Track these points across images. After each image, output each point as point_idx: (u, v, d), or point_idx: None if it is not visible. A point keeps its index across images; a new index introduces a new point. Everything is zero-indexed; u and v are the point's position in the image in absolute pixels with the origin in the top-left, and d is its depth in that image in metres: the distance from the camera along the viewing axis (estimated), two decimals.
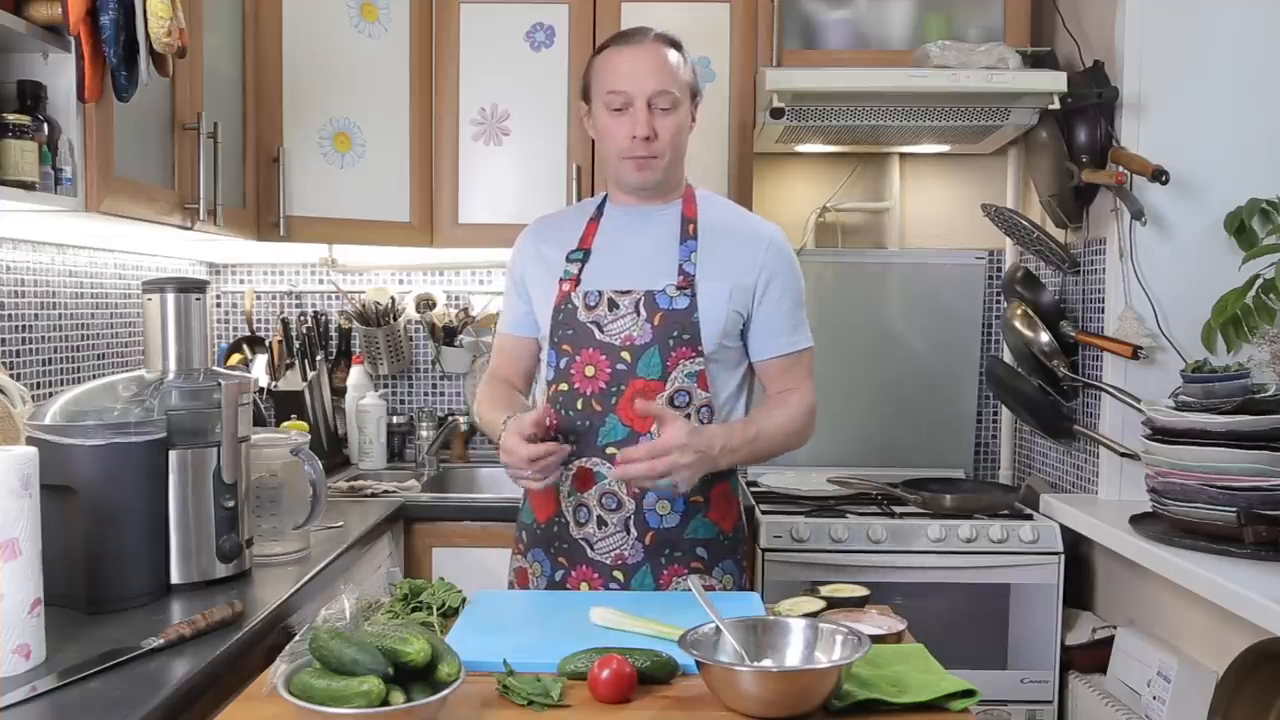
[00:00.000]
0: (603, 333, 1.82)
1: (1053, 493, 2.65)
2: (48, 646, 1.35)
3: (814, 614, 1.47)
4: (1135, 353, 2.35)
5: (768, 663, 1.30)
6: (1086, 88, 2.45)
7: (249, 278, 3.17)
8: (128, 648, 1.37)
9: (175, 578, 1.66)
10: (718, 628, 1.32)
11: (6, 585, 1.27)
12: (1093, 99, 2.44)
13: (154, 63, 1.75)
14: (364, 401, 2.99)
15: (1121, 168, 2.36)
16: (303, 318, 3.09)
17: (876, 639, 1.41)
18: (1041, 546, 2.47)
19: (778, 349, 1.87)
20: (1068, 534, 2.47)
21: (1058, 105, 2.50)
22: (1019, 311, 2.68)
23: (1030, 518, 2.54)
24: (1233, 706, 1.78)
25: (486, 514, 2.50)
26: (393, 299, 3.10)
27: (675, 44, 1.86)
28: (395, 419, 3.11)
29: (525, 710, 1.24)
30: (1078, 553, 2.58)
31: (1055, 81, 2.47)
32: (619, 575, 1.82)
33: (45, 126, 1.65)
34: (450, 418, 3.07)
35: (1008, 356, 2.84)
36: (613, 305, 1.82)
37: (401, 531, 2.51)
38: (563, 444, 1.76)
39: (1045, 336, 2.61)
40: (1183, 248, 2.39)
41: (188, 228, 2.10)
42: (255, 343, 3.09)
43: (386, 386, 3.18)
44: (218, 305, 3.16)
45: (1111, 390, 2.41)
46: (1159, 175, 2.26)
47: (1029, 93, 2.52)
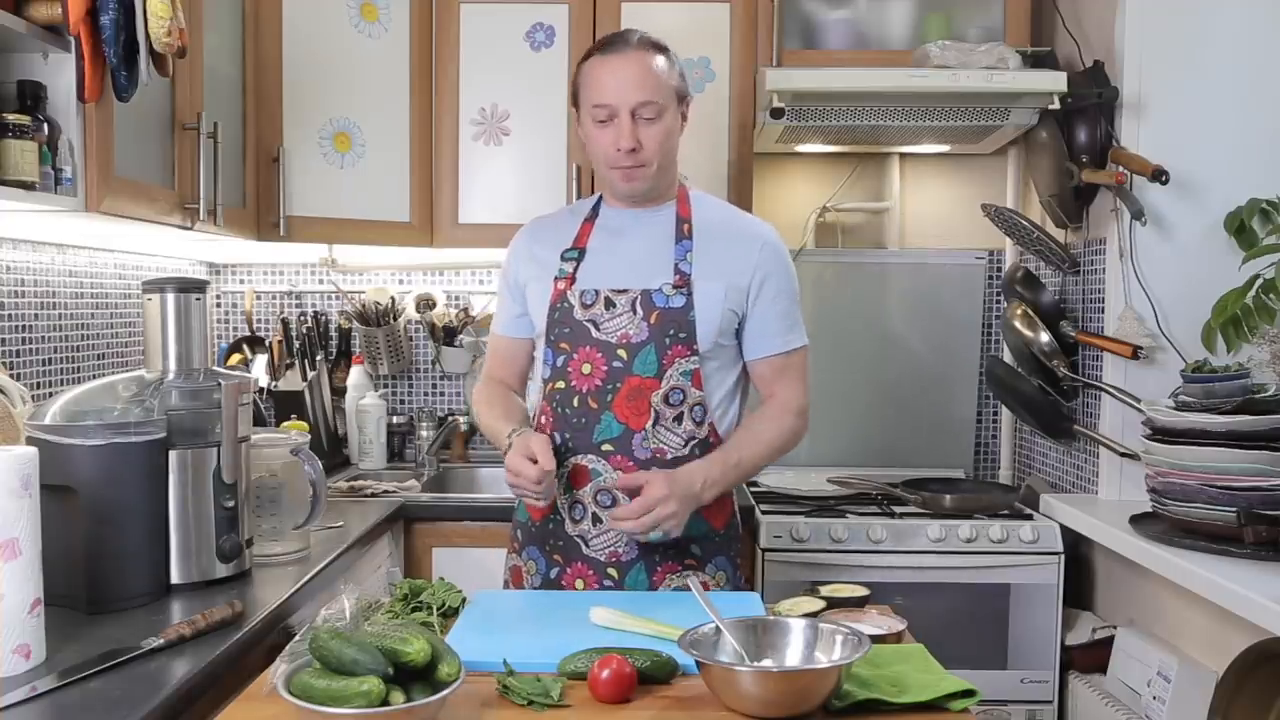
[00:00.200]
0: (599, 331, 1.82)
1: (1053, 493, 2.64)
2: (48, 646, 1.35)
3: (814, 614, 1.48)
4: (1135, 353, 2.35)
5: (768, 663, 1.30)
6: (1086, 88, 2.45)
7: (249, 278, 3.17)
8: (128, 648, 1.37)
9: (175, 578, 1.66)
10: (718, 628, 1.32)
11: (6, 585, 1.27)
12: (1093, 99, 2.44)
13: (154, 63, 1.75)
14: (364, 401, 2.99)
15: (1121, 168, 2.36)
16: (303, 318, 3.09)
17: (876, 639, 1.41)
18: (1041, 546, 2.47)
19: (771, 349, 1.88)
20: (1068, 534, 2.47)
21: (1058, 105, 2.50)
22: (1019, 311, 2.68)
23: (1030, 518, 2.54)
24: (1233, 706, 1.78)
25: (486, 514, 2.50)
26: (393, 299, 3.10)
27: (660, 48, 1.84)
28: (395, 419, 3.11)
29: (525, 710, 1.24)
30: (1078, 553, 2.58)
31: (1055, 81, 2.47)
32: (613, 572, 1.83)
33: (45, 126, 1.65)
34: (450, 418, 3.07)
35: (1008, 356, 2.84)
36: (609, 304, 1.82)
37: (401, 531, 2.51)
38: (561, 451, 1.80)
39: (1045, 336, 2.61)
40: (1183, 248, 2.39)
41: (188, 228, 2.10)
42: (255, 343, 3.09)
43: (386, 386, 3.18)
44: (218, 305, 3.16)
45: (1111, 390, 2.41)
46: (1159, 175, 2.26)
47: (1029, 93, 2.52)
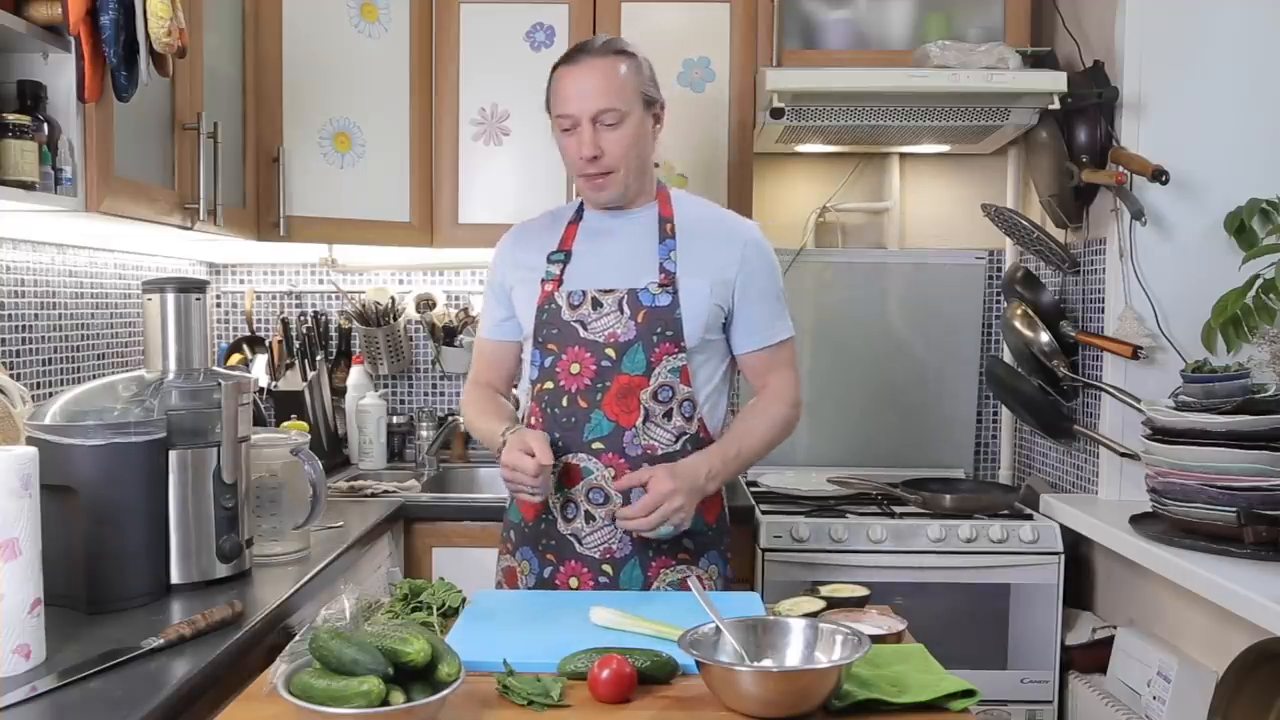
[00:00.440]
0: (587, 330, 1.84)
1: (1053, 493, 2.64)
2: (48, 646, 1.35)
3: (814, 614, 1.48)
4: (1135, 353, 2.35)
5: (768, 663, 1.30)
6: (1086, 88, 2.45)
7: (249, 278, 3.17)
8: (128, 648, 1.37)
9: (175, 578, 1.67)
10: (718, 628, 1.32)
11: (6, 585, 1.27)
12: (1093, 99, 2.44)
13: (154, 63, 1.75)
14: (364, 401, 2.99)
15: (1121, 168, 2.36)
16: (303, 318, 3.09)
17: (876, 639, 1.41)
18: (1041, 546, 2.47)
19: (760, 342, 1.91)
20: (1068, 534, 2.47)
21: (1058, 105, 2.50)
22: (1019, 311, 2.68)
23: (1030, 518, 2.54)
24: (1233, 706, 1.78)
25: (486, 514, 2.50)
26: (393, 299, 3.10)
27: (626, 53, 1.85)
28: (395, 419, 3.11)
29: (525, 710, 1.24)
30: (1078, 553, 2.58)
31: (1055, 81, 2.47)
32: (608, 569, 1.84)
33: (45, 126, 1.65)
34: (450, 418, 3.07)
35: (1008, 356, 2.84)
36: (596, 304, 1.84)
37: (401, 531, 2.51)
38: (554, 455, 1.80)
39: (1045, 336, 2.61)
40: (1183, 248, 2.39)
41: (188, 228, 2.10)
42: (255, 343, 3.09)
43: (386, 386, 3.17)
44: (218, 305, 3.16)
45: (1111, 390, 2.41)
46: (1159, 175, 2.26)
47: (1029, 93, 2.52)
